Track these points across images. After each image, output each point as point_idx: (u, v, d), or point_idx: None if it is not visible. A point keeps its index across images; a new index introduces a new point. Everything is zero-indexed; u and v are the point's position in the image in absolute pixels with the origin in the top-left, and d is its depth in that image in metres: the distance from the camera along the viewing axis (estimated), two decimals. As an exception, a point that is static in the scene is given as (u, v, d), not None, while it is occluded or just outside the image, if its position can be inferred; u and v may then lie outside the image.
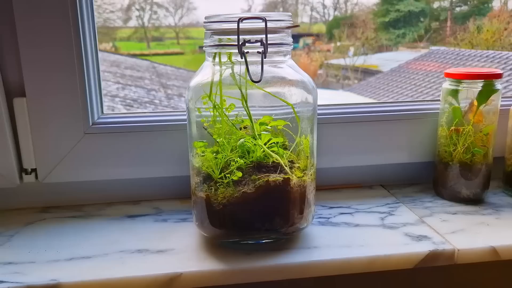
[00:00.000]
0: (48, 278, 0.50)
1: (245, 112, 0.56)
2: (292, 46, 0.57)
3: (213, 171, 0.54)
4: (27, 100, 0.63)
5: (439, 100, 0.71)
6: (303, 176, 0.56)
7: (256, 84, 0.53)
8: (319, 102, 0.60)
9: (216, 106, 0.55)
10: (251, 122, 0.57)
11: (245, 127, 0.60)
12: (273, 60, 0.55)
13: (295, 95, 0.56)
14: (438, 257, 0.55)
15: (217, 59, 0.55)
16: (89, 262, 0.54)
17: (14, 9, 0.60)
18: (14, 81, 0.63)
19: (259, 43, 0.52)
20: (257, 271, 0.53)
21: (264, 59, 0.53)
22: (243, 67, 0.52)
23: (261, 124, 0.60)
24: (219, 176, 0.54)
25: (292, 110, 0.56)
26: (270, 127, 0.60)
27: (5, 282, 0.50)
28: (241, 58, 0.51)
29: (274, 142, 0.58)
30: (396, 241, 0.58)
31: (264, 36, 0.51)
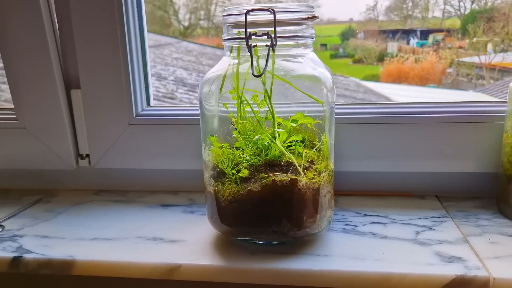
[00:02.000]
0: (66, 254, 0.55)
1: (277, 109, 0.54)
2: (314, 39, 0.53)
3: (225, 167, 0.54)
4: (82, 91, 0.69)
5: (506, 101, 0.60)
6: (314, 177, 0.52)
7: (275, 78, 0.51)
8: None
9: (244, 101, 0.54)
10: (273, 118, 0.55)
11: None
12: (290, 54, 0.53)
13: (310, 92, 0.53)
14: (467, 284, 0.47)
15: (234, 53, 0.54)
16: (107, 244, 0.57)
17: (72, 18, 0.66)
18: (72, 74, 0.70)
19: (266, 36, 0.49)
20: (255, 272, 0.51)
21: (276, 53, 0.51)
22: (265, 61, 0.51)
23: (293, 121, 0.58)
24: (231, 172, 0.53)
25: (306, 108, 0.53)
26: (295, 125, 0.57)
27: (33, 252, 0.55)
28: (248, 51, 0.50)
29: (293, 141, 0.55)
30: (421, 259, 0.50)
31: (272, 28, 0.49)
